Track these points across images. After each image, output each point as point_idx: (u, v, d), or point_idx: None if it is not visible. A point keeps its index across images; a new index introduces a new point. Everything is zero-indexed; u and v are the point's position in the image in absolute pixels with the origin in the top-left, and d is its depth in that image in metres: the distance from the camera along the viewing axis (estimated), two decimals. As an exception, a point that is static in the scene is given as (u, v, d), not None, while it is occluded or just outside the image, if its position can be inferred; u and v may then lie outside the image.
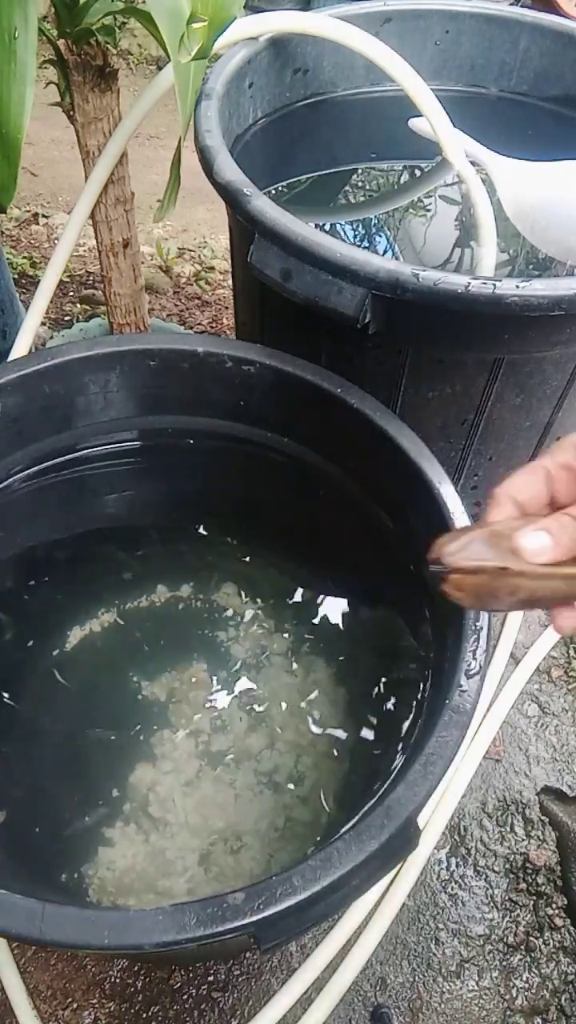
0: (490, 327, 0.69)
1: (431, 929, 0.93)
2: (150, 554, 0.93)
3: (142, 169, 1.94)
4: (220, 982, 0.88)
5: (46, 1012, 0.85)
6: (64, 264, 0.93)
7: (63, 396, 0.74)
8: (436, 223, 0.97)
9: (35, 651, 0.85)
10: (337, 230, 0.95)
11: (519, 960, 0.92)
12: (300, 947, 0.90)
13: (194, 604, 0.90)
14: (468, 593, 0.38)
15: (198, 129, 0.78)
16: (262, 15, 0.84)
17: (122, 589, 0.90)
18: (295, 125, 1.01)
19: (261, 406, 0.77)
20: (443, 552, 0.38)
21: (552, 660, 1.16)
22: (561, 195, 0.88)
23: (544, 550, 0.38)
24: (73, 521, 0.87)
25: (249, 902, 0.45)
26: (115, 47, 2.47)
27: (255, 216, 0.69)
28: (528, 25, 0.99)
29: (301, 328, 0.77)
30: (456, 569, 0.38)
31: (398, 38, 0.97)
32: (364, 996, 0.89)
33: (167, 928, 0.44)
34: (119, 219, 0.99)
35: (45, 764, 0.78)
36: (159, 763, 0.79)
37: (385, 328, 0.70)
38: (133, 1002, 0.86)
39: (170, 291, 1.69)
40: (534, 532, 0.38)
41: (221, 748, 0.80)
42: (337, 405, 0.70)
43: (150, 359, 0.75)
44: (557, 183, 0.88)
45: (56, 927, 0.44)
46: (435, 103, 0.88)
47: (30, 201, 1.93)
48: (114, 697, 0.84)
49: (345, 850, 0.47)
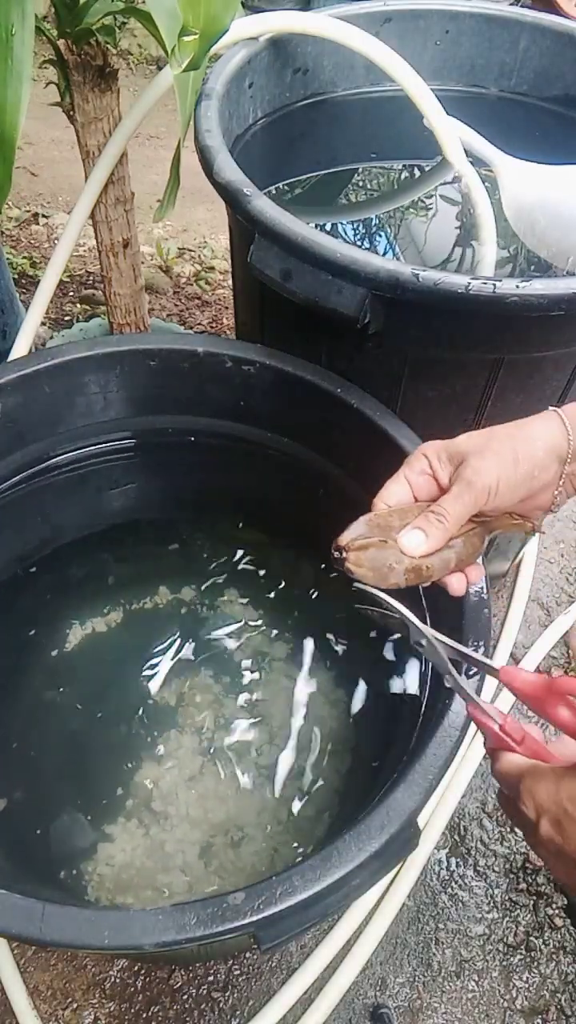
0: (490, 327, 0.69)
1: (431, 929, 0.93)
2: (151, 554, 0.93)
3: (142, 169, 1.94)
4: (220, 982, 0.88)
5: (46, 1012, 0.85)
6: (64, 264, 0.93)
7: (63, 396, 0.74)
8: (436, 223, 0.97)
9: (38, 650, 0.85)
10: (337, 230, 0.95)
11: (519, 960, 0.92)
12: (300, 947, 0.90)
13: (195, 605, 0.90)
14: (367, 568, 0.47)
15: (198, 129, 0.78)
16: (262, 15, 0.84)
17: (125, 589, 0.91)
18: (295, 125, 1.01)
19: (261, 406, 0.77)
20: (338, 541, 0.47)
21: (552, 660, 1.16)
22: (564, 197, 0.87)
23: (420, 544, 0.47)
24: (73, 521, 0.87)
25: (249, 902, 0.45)
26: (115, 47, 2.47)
27: (255, 216, 0.69)
28: (528, 25, 0.99)
29: (301, 328, 0.77)
30: (348, 548, 0.47)
31: (398, 38, 0.97)
32: (364, 996, 0.89)
33: (167, 928, 0.44)
34: (119, 219, 0.99)
35: (47, 763, 0.78)
36: (162, 760, 0.79)
37: (385, 328, 0.70)
38: (133, 1002, 0.86)
39: (170, 291, 1.69)
40: (410, 531, 0.47)
41: (222, 745, 0.81)
42: (337, 405, 0.70)
43: (150, 359, 0.75)
44: (562, 185, 0.88)
45: (56, 927, 0.44)
46: (435, 103, 0.88)
47: (30, 201, 1.93)
48: (116, 696, 0.84)
49: (345, 850, 0.47)
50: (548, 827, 0.38)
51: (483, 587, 0.58)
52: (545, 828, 0.39)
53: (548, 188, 0.88)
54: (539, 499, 0.50)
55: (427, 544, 0.47)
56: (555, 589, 1.27)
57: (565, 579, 1.28)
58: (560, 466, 0.49)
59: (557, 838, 0.38)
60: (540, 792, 0.39)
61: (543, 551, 1.31)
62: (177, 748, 0.80)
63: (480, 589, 0.58)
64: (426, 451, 0.50)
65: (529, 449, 0.48)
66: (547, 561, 1.30)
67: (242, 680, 0.85)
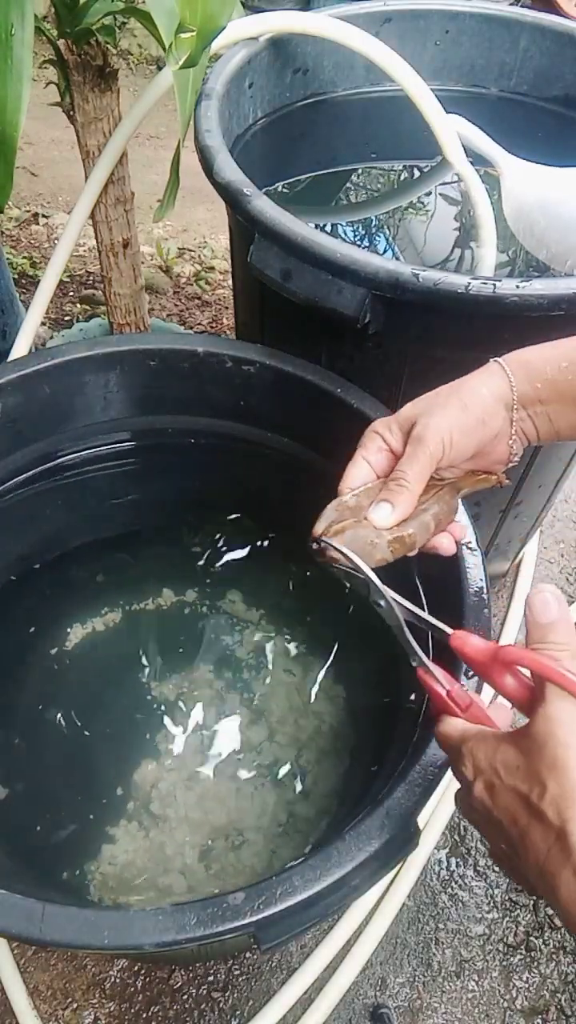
0: (490, 327, 0.69)
1: (431, 929, 0.94)
2: (151, 555, 0.93)
3: (142, 169, 1.95)
4: (220, 982, 0.88)
5: (46, 1012, 0.85)
6: (64, 264, 0.93)
7: (63, 396, 0.74)
8: (436, 223, 0.97)
9: (39, 651, 0.85)
10: (337, 230, 0.95)
11: (519, 960, 0.92)
12: (300, 947, 0.90)
13: (197, 606, 0.90)
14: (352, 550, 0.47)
15: (198, 129, 0.78)
16: (262, 15, 0.84)
17: (126, 590, 0.91)
18: (295, 125, 1.01)
19: (261, 406, 0.77)
20: (313, 533, 0.48)
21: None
22: (564, 198, 0.87)
23: (389, 514, 0.48)
24: (73, 521, 0.87)
25: (249, 902, 0.45)
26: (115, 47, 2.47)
27: (255, 216, 0.69)
28: (528, 25, 0.99)
29: (301, 328, 0.77)
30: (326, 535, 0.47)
31: (398, 38, 0.97)
32: (364, 996, 0.89)
33: (167, 928, 0.44)
34: (119, 219, 0.99)
35: (48, 762, 0.79)
36: (162, 760, 0.79)
37: (385, 328, 0.70)
38: (133, 1002, 0.86)
39: (170, 291, 1.69)
40: (376, 505, 0.48)
41: (223, 744, 0.81)
42: (337, 405, 0.70)
43: (150, 359, 0.75)
44: (562, 187, 0.88)
45: (56, 927, 0.44)
46: (435, 103, 0.88)
47: (30, 201, 1.93)
48: (117, 695, 0.84)
49: (345, 850, 0.47)
50: (481, 789, 0.40)
51: (483, 586, 0.58)
52: (479, 789, 0.40)
53: (549, 189, 0.88)
54: (496, 451, 0.51)
55: (396, 512, 0.48)
56: (555, 589, 1.26)
57: (565, 579, 1.28)
58: (508, 413, 0.50)
59: (488, 801, 0.39)
60: (479, 755, 0.40)
61: (543, 551, 1.31)
62: (177, 748, 0.80)
63: (480, 588, 0.58)
64: (376, 428, 0.51)
65: (475, 397, 0.49)
66: (547, 561, 1.30)
67: (242, 680, 0.85)
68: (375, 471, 0.51)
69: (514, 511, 0.98)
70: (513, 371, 0.50)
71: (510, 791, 0.38)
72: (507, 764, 0.38)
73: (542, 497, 1.01)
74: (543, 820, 0.36)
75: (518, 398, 0.50)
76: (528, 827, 0.37)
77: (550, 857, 0.35)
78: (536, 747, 0.37)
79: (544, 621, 0.39)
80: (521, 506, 0.98)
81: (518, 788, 0.37)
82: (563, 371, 0.49)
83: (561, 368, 0.49)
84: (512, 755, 0.38)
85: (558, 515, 1.36)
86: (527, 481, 0.92)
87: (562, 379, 0.49)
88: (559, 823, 0.35)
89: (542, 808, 0.36)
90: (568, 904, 0.35)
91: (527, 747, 0.37)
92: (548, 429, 0.51)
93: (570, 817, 0.35)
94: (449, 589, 0.59)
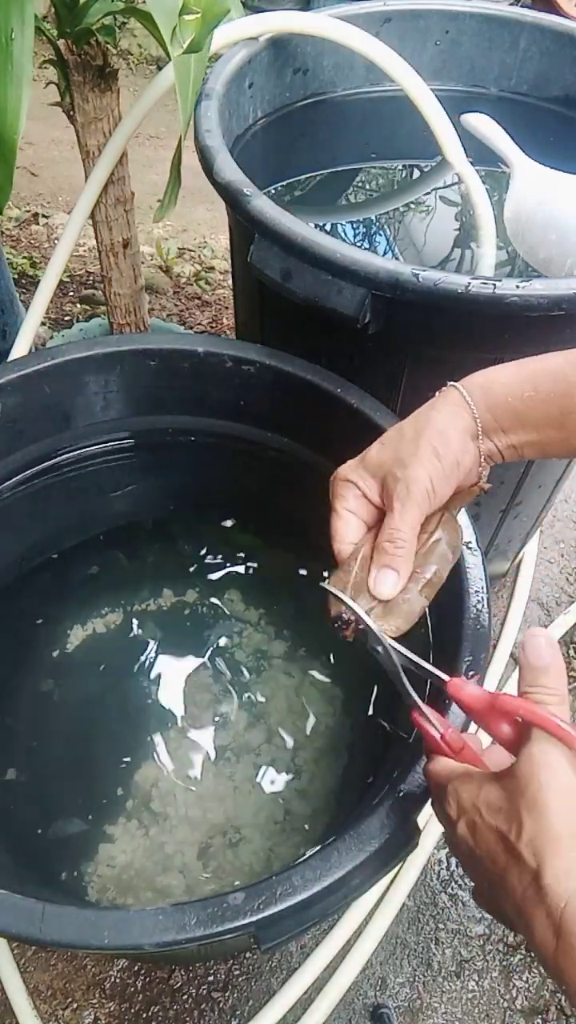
0: (490, 327, 0.69)
1: (431, 929, 0.93)
2: (151, 555, 0.93)
3: (142, 169, 1.95)
4: (220, 982, 0.88)
5: (46, 1012, 0.85)
6: (64, 264, 0.93)
7: (63, 396, 0.74)
8: (436, 223, 0.97)
9: (39, 651, 0.85)
10: (337, 230, 0.95)
11: (519, 960, 0.92)
12: (300, 947, 0.90)
13: (196, 606, 0.90)
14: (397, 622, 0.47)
15: (198, 129, 0.78)
16: (262, 15, 0.84)
17: (126, 590, 0.91)
18: (295, 125, 1.01)
19: (261, 406, 0.77)
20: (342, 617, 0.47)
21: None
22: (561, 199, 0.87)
23: (396, 582, 0.47)
24: (73, 521, 0.87)
25: (249, 902, 0.45)
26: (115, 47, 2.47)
27: (255, 216, 0.69)
28: (528, 25, 0.99)
29: (301, 328, 0.77)
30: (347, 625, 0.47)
31: (398, 38, 0.97)
32: (364, 996, 0.89)
33: (167, 928, 0.44)
34: (119, 219, 0.99)
35: (49, 762, 0.79)
36: (161, 760, 0.79)
37: (385, 328, 0.70)
38: (133, 1002, 0.86)
39: (170, 291, 1.69)
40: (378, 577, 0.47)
41: (222, 743, 0.81)
42: (337, 405, 0.70)
43: (150, 359, 0.75)
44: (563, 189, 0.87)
45: (56, 927, 0.44)
46: (435, 103, 0.88)
47: (30, 201, 1.93)
48: (116, 695, 0.84)
49: (345, 850, 0.47)
50: (464, 828, 0.40)
51: (483, 599, 0.58)
52: (461, 828, 0.40)
53: (549, 191, 0.88)
54: (471, 477, 0.51)
55: (402, 576, 0.48)
56: (555, 589, 1.27)
57: (565, 579, 1.28)
58: (475, 442, 0.49)
59: (470, 840, 0.40)
60: (463, 795, 0.41)
61: (543, 551, 1.31)
62: (177, 748, 0.80)
63: (479, 602, 0.58)
64: (347, 476, 0.50)
65: (444, 440, 0.48)
66: (547, 561, 1.30)
67: (241, 680, 0.85)
68: (361, 522, 0.50)
69: (514, 511, 0.98)
70: (475, 400, 0.49)
71: (491, 831, 0.38)
72: (490, 804, 0.39)
73: (542, 497, 1.01)
74: (520, 861, 0.36)
75: (481, 427, 0.49)
76: (507, 867, 0.37)
77: (526, 898, 0.36)
78: (519, 788, 0.37)
79: (537, 664, 0.40)
80: (521, 506, 0.98)
81: (499, 828, 0.38)
82: (525, 400, 0.48)
83: (524, 397, 0.48)
84: (495, 795, 0.39)
85: (558, 515, 1.36)
86: (527, 481, 0.92)
87: (523, 408, 0.48)
88: (535, 864, 0.35)
89: (519, 848, 0.36)
90: (542, 945, 0.35)
91: (511, 787, 0.38)
92: (512, 453, 0.50)
93: (545, 859, 0.35)
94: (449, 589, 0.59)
